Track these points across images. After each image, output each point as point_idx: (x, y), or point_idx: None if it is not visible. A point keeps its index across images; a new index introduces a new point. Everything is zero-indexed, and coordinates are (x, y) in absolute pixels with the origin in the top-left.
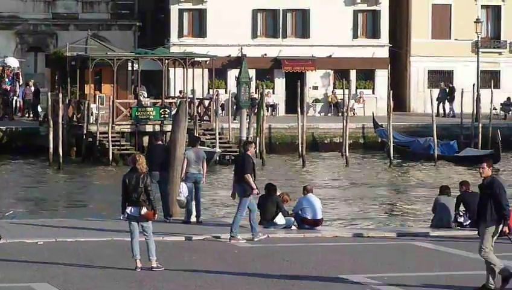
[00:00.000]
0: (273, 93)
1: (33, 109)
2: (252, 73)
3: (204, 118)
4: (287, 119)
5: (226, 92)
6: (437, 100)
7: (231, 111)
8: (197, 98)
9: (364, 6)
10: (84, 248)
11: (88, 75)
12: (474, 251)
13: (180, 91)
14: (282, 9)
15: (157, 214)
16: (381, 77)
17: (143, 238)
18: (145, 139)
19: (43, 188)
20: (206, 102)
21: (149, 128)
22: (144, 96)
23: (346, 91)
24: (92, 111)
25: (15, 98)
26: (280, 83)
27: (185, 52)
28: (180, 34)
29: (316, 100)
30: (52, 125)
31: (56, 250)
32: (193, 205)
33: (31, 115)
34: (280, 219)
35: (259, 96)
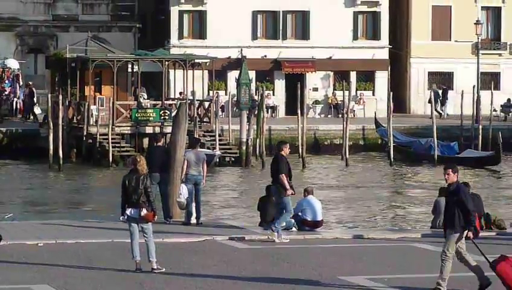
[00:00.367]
0: (273, 94)
1: (28, 110)
2: (252, 75)
3: (204, 120)
4: (287, 120)
5: (226, 94)
6: (429, 102)
7: (231, 113)
8: (197, 100)
9: (364, 7)
10: (84, 250)
11: (88, 76)
12: (474, 253)
13: (180, 93)
14: (282, 10)
15: (157, 216)
16: (381, 79)
17: (143, 239)
18: (145, 140)
19: (43, 190)
20: (206, 104)
21: (149, 130)
22: (144, 97)
23: (346, 93)
24: (92, 113)
25: (15, 100)
26: (280, 85)
27: (185, 53)
28: (180, 36)
29: (316, 102)
30: (52, 127)
31: (56, 252)
32: (193, 207)
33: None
34: None
35: (259, 98)
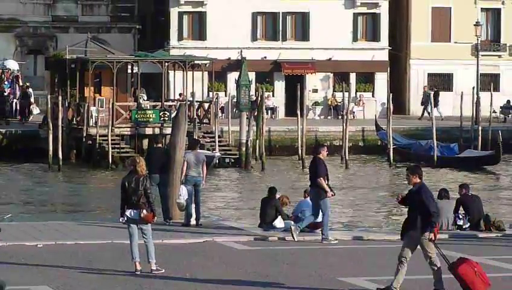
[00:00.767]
0: (272, 96)
1: (23, 111)
2: (252, 76)
3: (204, 121)
4: (287, 122)
5: (226, 95)
6: (421, 104)
7: (231, 114)
8: (197, 101)
9: (364, 9)
10: (83, 251)
11: (88, 77)
12: (474, 254)
13: (180, 94)
14: (282, 12)
15: (156, 217)
16: (381, 80)
17: (142, 241)
18: (144, 142)
19: (43, 191)
20: (206, 105)
21: (149, 131)
22: (144, 99)
23: (346, 94)
24: (92, 114)
25: (14, 101)
26: (280, 86)
27: (185, 55)
28: (180, 37)
29: (316, 103)
30: (51, 128)
31: (56, 253)
32: (193, 208)
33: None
34: (279, 222)
35: (259, 99)
